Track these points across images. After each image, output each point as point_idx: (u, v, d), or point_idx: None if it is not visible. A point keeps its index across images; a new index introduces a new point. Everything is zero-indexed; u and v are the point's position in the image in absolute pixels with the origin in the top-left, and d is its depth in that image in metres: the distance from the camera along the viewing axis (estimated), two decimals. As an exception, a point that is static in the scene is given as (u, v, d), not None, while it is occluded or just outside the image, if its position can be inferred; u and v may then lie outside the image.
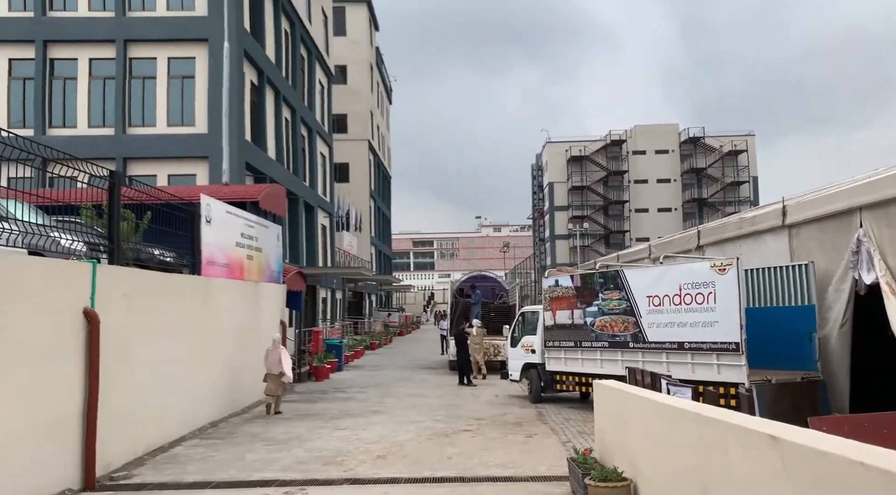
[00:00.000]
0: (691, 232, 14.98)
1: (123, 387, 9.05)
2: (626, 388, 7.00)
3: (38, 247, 8.50)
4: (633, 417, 6.52)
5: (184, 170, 21.94)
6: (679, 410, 5.31)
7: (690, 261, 12.38)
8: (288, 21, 29.35)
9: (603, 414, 7.62)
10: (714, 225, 14.45)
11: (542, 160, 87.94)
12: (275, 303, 16.04)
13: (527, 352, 14.79)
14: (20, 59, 21.89)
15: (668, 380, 8.26)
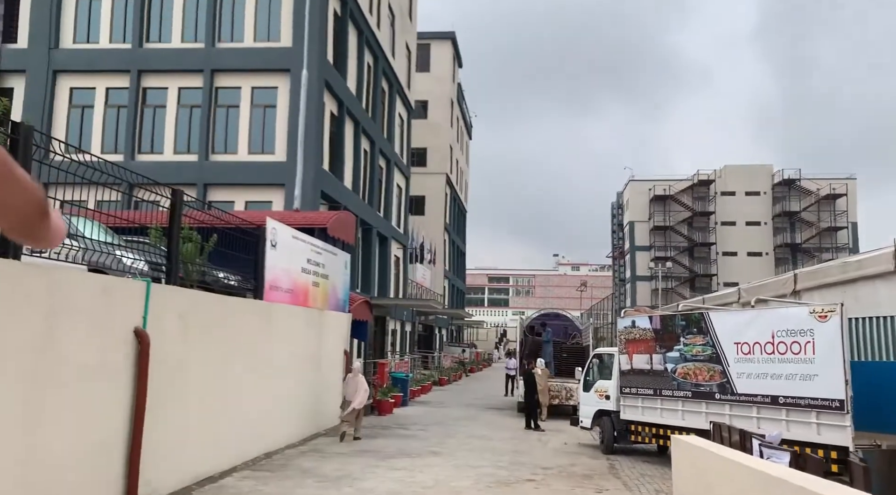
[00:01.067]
0: (787, 276, 13.70)
1: (173, 412, 8.76)
2: (710, 447, 6.06)
3: (100, 264, 8.44)
4: (720, 482, 5.58)
5: (261, 197, 22.25)
6: (778, 480, 4.40)
7: (785, 305, 11.19)
8: (371, 54, 29.81)
9: (683, 475, 6.67)
10: (813, 269, 13.15)
11: (623, 198, 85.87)
12: (339, 331, 15.71)
13: (600, 397, 13.76)
14: (116, 88, 22.97)
15: (762, 441, 7.20)
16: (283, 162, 22.16)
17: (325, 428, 14.67)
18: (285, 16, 22.81)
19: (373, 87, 30.27)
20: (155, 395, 8.17)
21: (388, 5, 32.59)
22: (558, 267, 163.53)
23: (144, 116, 23.06)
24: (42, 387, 6.59)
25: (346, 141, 26.10)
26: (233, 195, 22.19)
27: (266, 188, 22.29)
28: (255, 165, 22.37)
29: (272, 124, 22.76)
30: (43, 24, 22.81)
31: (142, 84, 22.94)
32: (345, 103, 25.46)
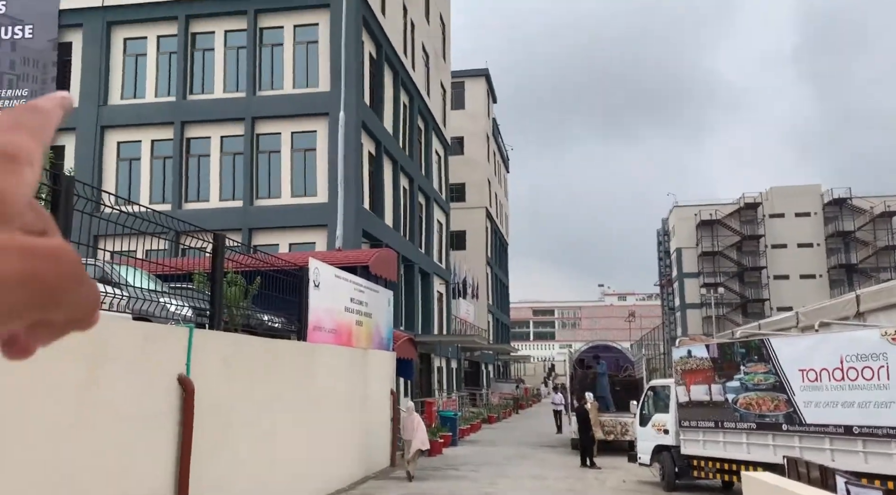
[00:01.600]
0: (848, 297, 12.98)
1: (219, 459, 8.62)
2: (789, 486, 5.59)
3: (145, 312, 8.47)
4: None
5: (304, 239, 22.44)
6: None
7: (853, 328, 10.55)
8: (407, 94, 30.19)
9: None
10: (877, 288, 12.43)
11: (668, 225, 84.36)
12: (384, 371, 15.49)
13: (658, 432, 13.14)
14: (161, 140, 23.67)
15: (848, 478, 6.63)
16: (324, 203, 22.37)
17: (375, 470, 14.36)
18: (322, 61, 23.29)
19: (409, 126, 30.57)
20: (200, 442, 8.05)
21: (423, 46, 33.10)
22: (604, 297, 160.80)
23: (189, 166, 23.64)
24: (87, 437, 6.53)
25: (384, 180, 26.29)
26: (277, 238, 22.44)
27: (309, 229, 22.49)
28: (298, 208, 22.63)
29: (313, 167, 23.08)
30: (92, 83, 23.76)
31: (186, 134, 23.58)
32: (382, 143, 25.71)
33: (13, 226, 0.33)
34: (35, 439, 6.00)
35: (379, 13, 25.65)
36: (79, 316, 0.33)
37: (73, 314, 0.33)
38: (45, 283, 0.31)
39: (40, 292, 0.30)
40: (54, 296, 0.31)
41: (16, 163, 0.34)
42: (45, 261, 0.31)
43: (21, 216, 0.34)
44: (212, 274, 9.27)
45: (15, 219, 0.33)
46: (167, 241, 10.59)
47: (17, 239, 0.31)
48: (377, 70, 26.00)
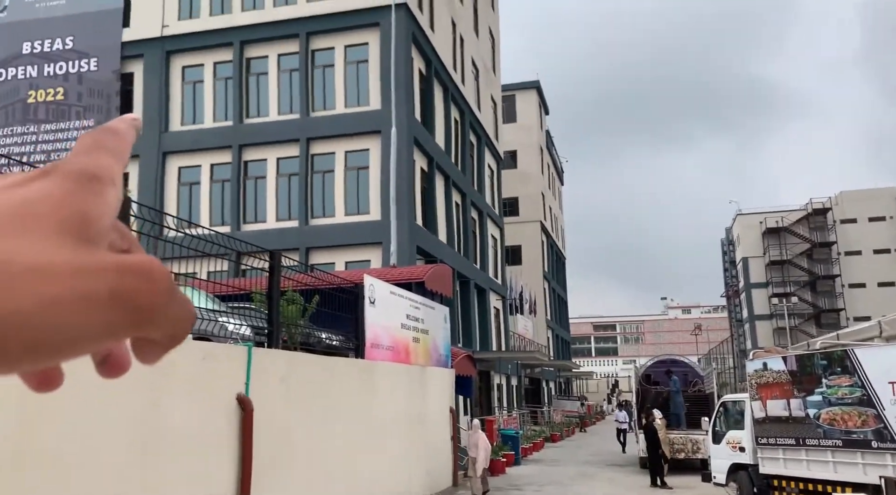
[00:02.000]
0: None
1: (279, 480, 8.48)
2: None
3: (204, 331, 8.48)
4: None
5: (359, 257, 22.49)
6: None
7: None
8: (458, 109, 30.14)
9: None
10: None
11: (732, 234, 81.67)
12: (443, 388, 15.21)
13: (734, 449, 12.41)
14: (220, 164, 24.23)
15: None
16: (378, 220, 22.40)
17: (437, 490, 14.04)
18: (373, 80, 23.46)
19: (461, 141, 30.49)
20: (260, 462, 7.93)
21: (472, 60, 33.08)
22: (668, 310, 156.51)
23: (247, 188, 24.09)
24: (147, 459, 6.47)
25: (437, 195, 26.20)
26: (333, 257, 22.56)
27: (363, 247, 22.53)
28: (352, 226, 22.72)
29: (366, 185, 23.18)
30: (153, 111, 24.57)
31: (243, 158, 24.07)
32: (434, 159, 25.67)
33: (101, 245, 0.33)
34: (99, 464, 5.97)
35: (428, 29, 25.74)
36: (175, 331, 0.34)
37: (170, 330, 0.33)
38: (138, 301, 0.31)
39: (134, 310, 0.31)
40: (148, 313, 0.32)
41: (100, 183, 0.34)
42: (137, 278, 0.31)
43: (106, 235, 0.34)
44: (269, 292, 9.22)
45: (102, 238, 0.33)
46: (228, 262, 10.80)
47: (105, 256, 0.31)
48: (427, 86, 26.04)
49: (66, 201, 0.32)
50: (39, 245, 0.30)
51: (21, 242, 0.30)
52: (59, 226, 0.31)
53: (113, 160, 0.36)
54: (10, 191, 0.32)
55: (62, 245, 0.30)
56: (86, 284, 0.30)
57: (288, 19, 23.97)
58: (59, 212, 0.31)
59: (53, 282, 0.29)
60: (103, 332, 0.31)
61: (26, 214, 0.31)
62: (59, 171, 0.34)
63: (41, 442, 5.43)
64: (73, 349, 0.31)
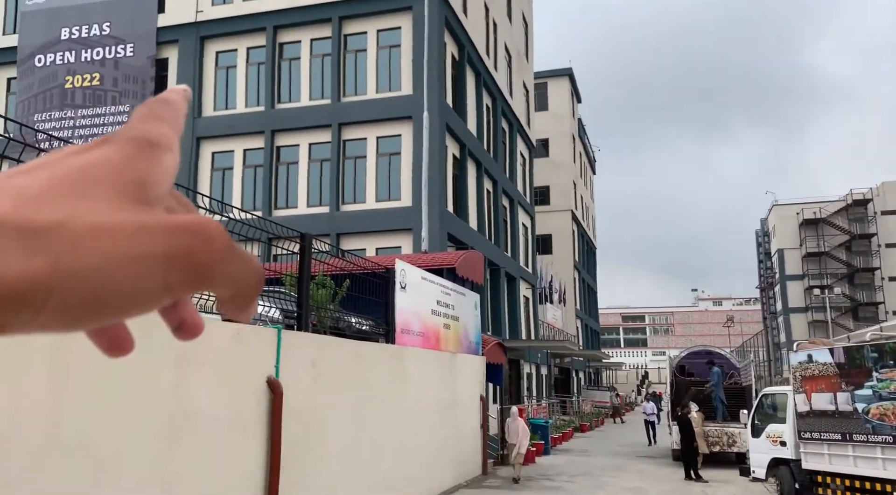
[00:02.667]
0: None
1: (308, 465, 8.38)
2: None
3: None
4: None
5: (390, 243, 22.36)
6: None
7: None
8: (490, 96, 29.76)
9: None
10: None
11: (767, 225, 79.84)
12: (473, 375, 15.02)
13: (774, 443, 12.01)
14: (252, 149, 24.26)
15: None
16: (409, 207, 22.23)
17: (466, 478, 13.90)
18: (405, 65, 23.22)
19: (493, 128, 30.12)
20: (289, 446, 7.83)
21: (505, 46, 32.62)
22: (698, 302, 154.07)
23: (279, 173, 24.10)
24: (176, 441, 6.39)
25: (468, 182, 25.93)
26: (364, 243, 22.47)
27: (394, 234, 22.40)
28: (383, 212, 22.59)
29: (397, 171, 23.01)
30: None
31: (275, 143, 24.06)
32: (466, 145, 25.38)
33: (158, 208, 0.34)
34: (127, 446, 5.89)
35: (461, 13, 25.38)
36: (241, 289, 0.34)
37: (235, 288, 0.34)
38: (193, 260, 0.32)
39: (191, 268, 0.32)
40: (206, 272, 0.32)
41: (157, 148, 0.35)
42: (192, 236, 0.32)
43: (163, 200, 0.35)
44: (299, 274, 9.09)
45: (159, 202, 0.34)
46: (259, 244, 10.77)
47: (161, 217, 0.32)
48: (460, 72, 25.72)
49: (125, 166, 0.33)
50: (100, 206, 0.31)
51: (83, 203, 0.31)
52: (118, 189, 0.32)
53: (169, 128, 0.37)
54: (72, 158, 0.33)
55: (121, 207, 0.32)
56: (144, 243, 0.31)
57: (321, 3, 23.82)
58: (119, 175, 0.33)
59: (113, 241, 0.30)
60: (162, 290, 0.31)
61: (88, 178, 0.32)
62: (118, 139, 0.35)
63: (70, 424, 5.36)
64: (134, 306, 0.32)
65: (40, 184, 0.31)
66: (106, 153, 0.34)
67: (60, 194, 0.31)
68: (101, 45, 25.27)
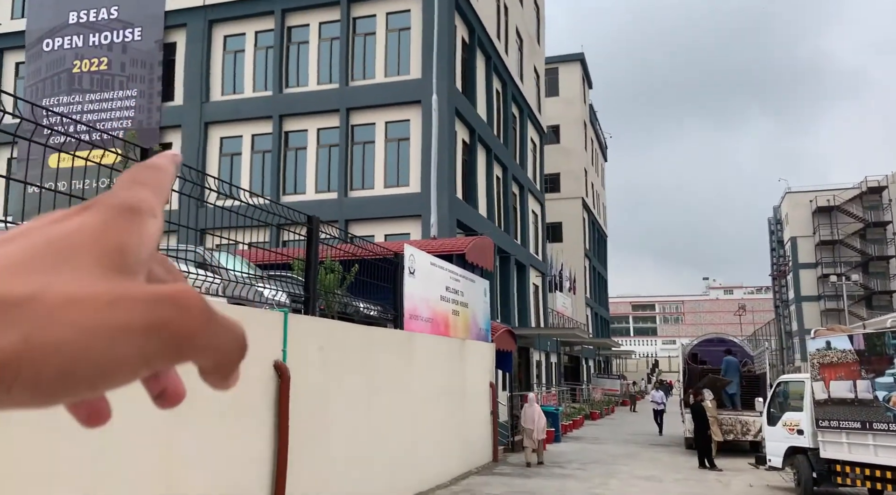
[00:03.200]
0: None
1: (316, 452, 8.24)
2: None
3: (239, 296, 8.24)
4: None
5: (399, 230, 22.15)
6: None
7: None
8: (500, 80, 29.39)
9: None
10: None
11: (780, 213, 79.04)
12: (483, 362, 14.84)
13: (790, 432, 11.77)
14: (260, 134, 24.06)
15: None
16: (417, 193, 22.00)
17: (477, 465, 13.76)
18: (414, 48, 22.90)
19: (503, 113, 29.77)
20: (297, 431, 7.67)
21: (516, 30, 32.18)
22: (709, 291, 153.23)
23: (287, 159, 23.91)
24: (179, 426, 6.23)
25: (478, 168, 25.65)
26: (372, 229, 22.26)
27: (403, 220, 22.19)
28: (392, 198, 22.38)
29: (406, 157, 22.76)
30: (195, 81, 24.47)
31: (283, 128, 23.85)
32: (476, 130, 25.08)
33: (138, 276, 0.33)
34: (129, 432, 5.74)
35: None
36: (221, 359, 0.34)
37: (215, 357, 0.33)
38: (170, 331, 0.31)
39: (167, 339, 0.31)
40: (184, 342, 0.32)
41: (137, 215, 0.34)
42: (169, 307, 0.31)
43: (145, 266, 0.35)
44: (307, 257, 8.91)
45: (140, 268, 0.34)
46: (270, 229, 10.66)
47: (139, 287, 0.32)
48: (470, 55, 25.36)
49: (104, 233, 0.33)
50: (76, 276, 0.31)
51: (59, 275, 0.30)
52: (96, 257, 0.32)
53: (152, 193, 0.36)
54: (52, 227, 0.33)
55: (99, 276, 0.31)
56: (121, 314, 0.30)
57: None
58: (97, 243, 0.32)
59: (89, 313, 0.30)
60: (139, 362, 0.31)
61: (65, 247, 0.32)
62: (99, 206, 0.34)
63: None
64: (110, 379, 0.31)
65: (15, 256, 0.30)
66: (86, 220, 0.33)
67: (36, 266, 0.30)
68: (109, 29, 25.08)
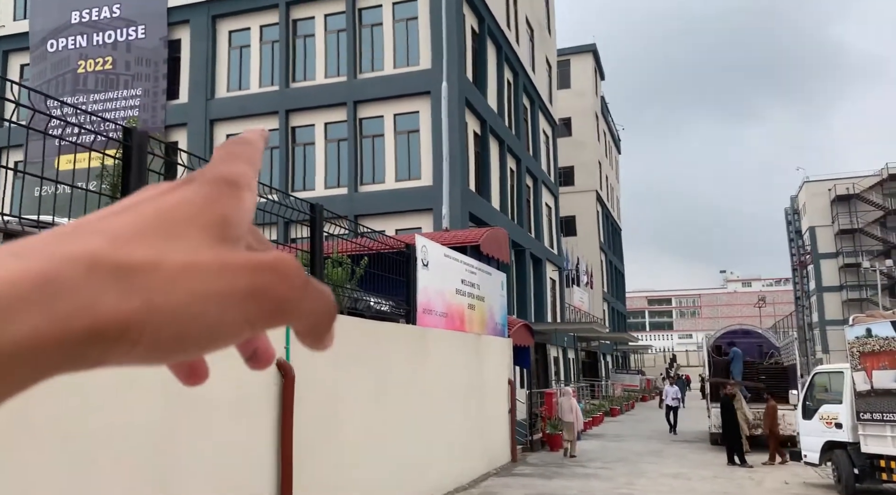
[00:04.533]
0: None
1: (324, 455, 7.71)
2: None
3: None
4: None
5: (410, 224, 21.62)
6: None
7: None
8: (511, 71, 28.76)
9: None
10: None
11: (798, 202, 77.73)
12: (500, 358, 14.27)
13: (828, 426, 11.11)
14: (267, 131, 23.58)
15: None
16: (429, 186, 21.46)
17: (495, 466, 13.20)
18: (423, 38, 22.35)
19: (514, 104, 29.13)
20: (302, 434, 7.16)
21: (526, 19, 31.53)
22: (727, 284, 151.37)
23: (296, 155, 23.45)
24: (179, 428, 5.73)
25: (491, 160, 25.05)
26: (383, 224, 21.71)
27: (414, 214, 21.66)
28: (403, 192, 21.85)
29: (416, 149, 22.22)
30: (200, 78, 24.07)
31: (290, 123, 23.39)
32: (487, 122, 24.48)
33: (239, 246, 0.35)
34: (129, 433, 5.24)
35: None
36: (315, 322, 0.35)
37: (310, 321, 0.35)
38: (272, 296, 0.33)
39: (268, 304, 0.33)
40: (283, 307, 0.34)
41: (237, 188, 0.36)
42: (270, 274, 0.33)
43: (245, 237, 0.37)
44: (311, 248, 8.38)
45: (240, 240, 0.36)
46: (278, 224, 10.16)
47: (242, 255, 0.34)
48: (480, 45, 24.77)
49: (208, 206, 0.35)
50: (187, 246, 0.33)
51: (171, 244, 0.33)
52: (202, 228, 0.34)
53: (248, 167, 0.38)
54: (157, 200, 0.35)
55: (205, 246, 0.33)
56: (228, 281, 0.32)
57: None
58: (202, 215, 0.34)
59: (200, 279, 0.32)
60: (244, 325, 0.33)
61: (173, 219, 0.34)
62: (201, 179, 0.36)
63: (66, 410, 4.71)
64: (218, 340, 0.33)
65: (131, 225, 0.33)
66: (189, 194, 0.35)
67: (150, 235, 0.32)
68: (112, 28, 24.73)
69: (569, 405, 15.70)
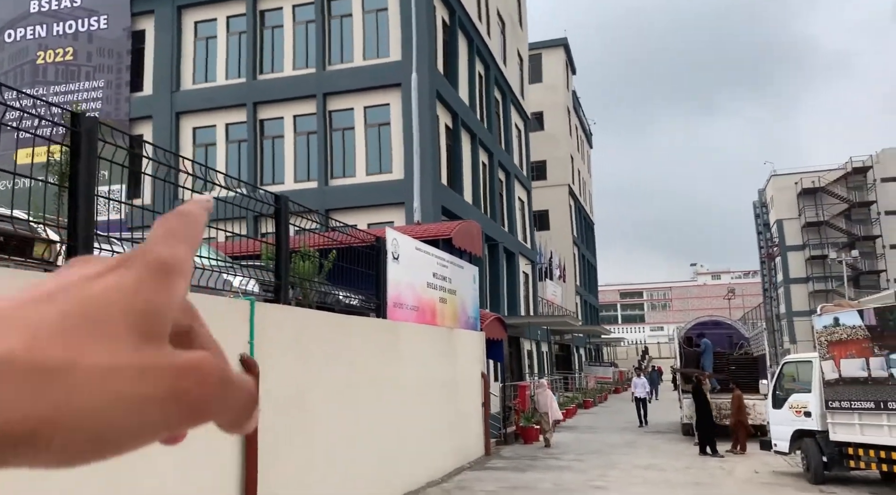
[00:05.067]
0: None
1: (292, 453, 7.51)
2: None
3: (206, 286, 7.48)
4: None
5: (382, 218, 21.37)
6: None
7: None
8: (483, 64, 28.62)
9: None
10: None
11: (765, 196, 79.01)
12: (473, 352, 14.15)
13: (797, 414, 11.20)
14: (235, 123, 23.15)
15: None
16: (400, 180, 21.24)
17: (469, 460, 13.09)
18: (393, 30, 22.09)
19: (486, 98, 29.01)
20: (269, 433, 6.95)
21: (498, 12, 31.41)
22: (697, 276, 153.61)
23: (264, 148, 23.04)
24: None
25: (463, 154, 24.90)
26: (354, 218, 21.35)
27: (386, 208, 21.43)
28: (374, 186, 21.61)
29: (387, 142, 21.97)
30: (165, 70, 23.51)
31: (258, 116, 22.97)
32: (459, 115, 24.31)
33: (164, 339, 0.35)
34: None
35: (450, -25, 24.20)
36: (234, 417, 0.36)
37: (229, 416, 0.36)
38: (192, 398, 0.33)
39: (188, 406, 0.33)
40: (202, 408, 0.34)
41: (170, 275, 0.35)
42: (192, 376, 0.33)
43: (171, 322, 0.36)
44: (276, 240, 8.15)
45: (166, 333, 0.35)
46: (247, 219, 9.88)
47: (165, 357, 0.33)
48: (451, 37, 24.58)
49: (137, 297, 0.34)
50: (108, 346, 0.32)
51: (92, 343, 0.32)
52: (127, 323, 0.33)
53: (187, 249, 0.37)
54: (85, 286, 0.34)
55: (130, 344, 0.33)
56: (148, 384, 0.32)
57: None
58: (130, 308, 0.33)
59: (120, 382, 0.31)
60: (162, 426, 0.33)
61: (98, 311, 0.33)
62: (135, 262, 0.35)
63: None
64: (136, 441, 0.33)
65: (53, 319, 0.32)
66: (121, 280, 0.34)
67: (71, 332, 0.32)
68: (73, 18, 24.03)
69: (545, 397, 16.23)
